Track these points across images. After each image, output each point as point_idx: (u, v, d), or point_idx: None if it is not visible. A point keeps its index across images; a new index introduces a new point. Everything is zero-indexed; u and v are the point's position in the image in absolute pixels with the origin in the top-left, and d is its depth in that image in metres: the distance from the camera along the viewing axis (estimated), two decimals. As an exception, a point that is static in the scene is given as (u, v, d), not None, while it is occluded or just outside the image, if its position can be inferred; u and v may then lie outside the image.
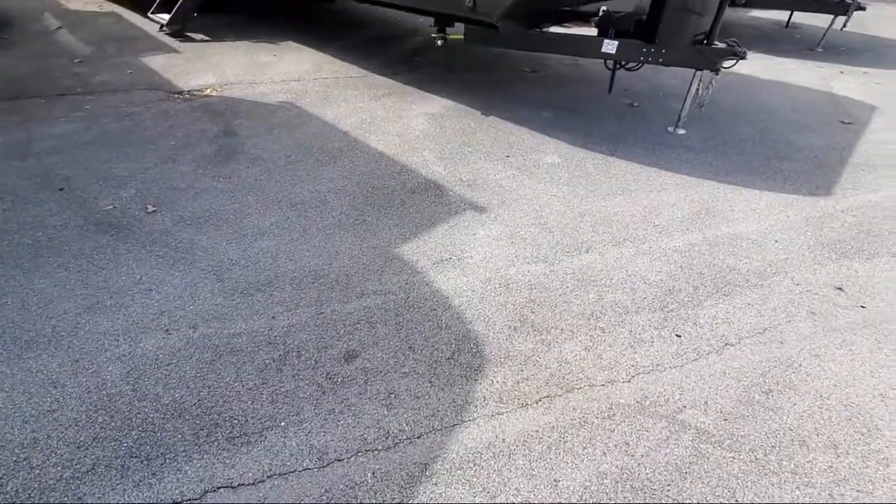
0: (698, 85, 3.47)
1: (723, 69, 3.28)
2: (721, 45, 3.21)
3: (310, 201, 2.64)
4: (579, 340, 1.86)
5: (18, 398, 1.55)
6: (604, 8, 3.41)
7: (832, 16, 6.23)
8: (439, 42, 3.85)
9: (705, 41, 3.24)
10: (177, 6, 5.44)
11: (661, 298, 2.08)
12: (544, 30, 3.66)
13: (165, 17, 5.57)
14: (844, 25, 6.36)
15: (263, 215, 2.50)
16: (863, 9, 6.30)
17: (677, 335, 1.90)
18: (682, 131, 3.67)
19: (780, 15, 7.70)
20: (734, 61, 3.17)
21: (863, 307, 2.10)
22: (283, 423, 1.50)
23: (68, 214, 2.45)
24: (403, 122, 3.64)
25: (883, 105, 4.54)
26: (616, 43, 3.27)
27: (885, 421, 1.61)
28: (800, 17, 7.67)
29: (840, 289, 2.20)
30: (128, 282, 2.04)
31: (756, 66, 5.52)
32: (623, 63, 3.51)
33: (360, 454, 1.43)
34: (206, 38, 5.60)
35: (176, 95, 3.98)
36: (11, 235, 2.29)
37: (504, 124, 3.69)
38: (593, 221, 2.58)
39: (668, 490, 1.37)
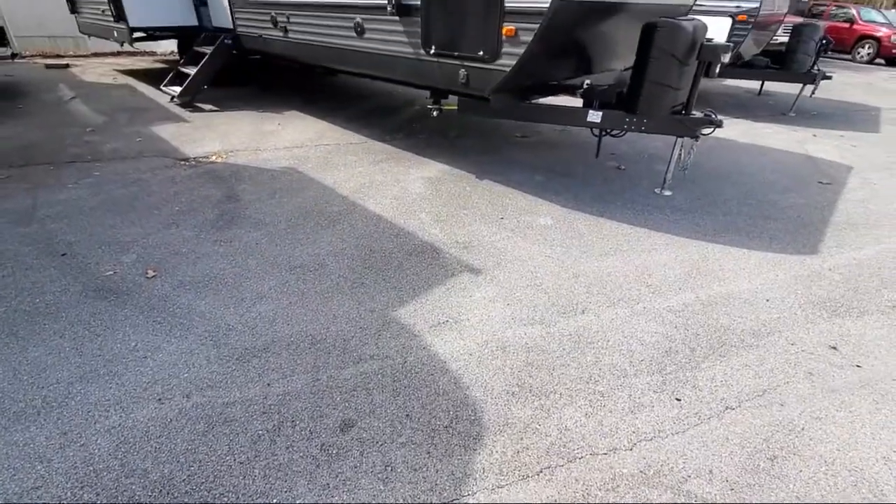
0: (680, 149, 3.67)
1: (702, 136, 3.48)
2: (698, 115, 3.43)
3: (309, 264, 2.68)
4: (579, 406, 1.84)
5: (2, 474, 1.49)
6: (587, 81, 3.67)
7: (801, 84, 6.70)
8: (435, 113, 4.09)
9: (683, 111, 3.46)
10: (189, 79, 5.79)
11: (658, 360, 2.08)
12: (533, 101, 3.90)
13: (177, 89, 5.90)
14: (813, 92, 6.82)
15: (262, 279, 2.53)
16: (828, 77, 6.79)
17: (677, 399, 1.88)
18: (668, 193, 3.83)
19: (753, 84, 8.27)
20: (711, 129, 3.38)
21: (858, 366, 2.10)
22: (275, 501, 1.45)
23: (68, 280, 2.47)
24: (401, 186, 3.78)
25: (858, 166, 4.78)
26: (600, 113, 3.49)
27: (890, 486, 1.57)
28: (771, 86, 8.24)
29: (834, 348, 2.21)
30: (123, 349, 2.03)
31: (734, 130, 5.86)
32: (608, 130, 3.72)
33: (355, 534, 1.36)
34: (215, 108, 5.91)
35: (182, 162, 4.15)
36: (9, 302, 2.29)
37: (498, 187, 3.84)
38: (587, 282, 2.62)
39: (679, 570, 1.30)
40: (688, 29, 3.08)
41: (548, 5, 2.77)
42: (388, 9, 3.63)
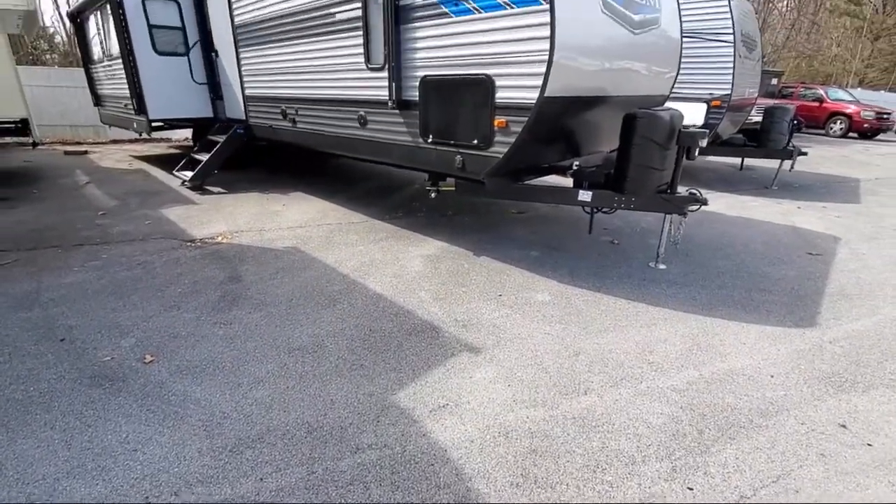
0: (670, 225, 3.80)
1: (689, 212, 3.63)
2: (683, 193, 3.61)
3: (308, 346, 2.68)
4: (587, 497, 1.75)
5: (-31, 591, 1.39)
6: (576, 163, 3.91)
7: (779, 160, 7.08)
8: (433, 194, 4.29)
9: (668, 190, 3.64)
10: (200, 165, 6.12)
11: (666, 444, 2.02)
12: (527, 182, 4.11)
13: (189, 174, 6.22)
14: (792, 167, 7.19)
15: (261, 362, 2.52)
16: (804, 153, 7.20)
17: (689, 488, 1.80)
18: (662, 266, 3.91)
19: (734, 159, 8.73)
20: (697, 206, 3.54)
21: (869, 445, 2.03)
22: None
23: (65, 367, 2.45)
24: (401, 264, 3.86)
25: (844, 236, 4.92)
26: (590, 193, 3.67)
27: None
28: (751, 161, 8.70)
29: (844, 426, 2.15)
30: (114, 441, 1.96)
31: (720, 203, 6.10)
32: (599, 207, 3.89)
33: None
34: (224, 190, 6.19)
35: (188, 244, 4.27)
36: (3, 390, 2.26)
37: (495, 264, 3.93)
38: (588, 360, 2.60)
39: None
40: (665, 118, 3.34)
41: (534, 101, 3.04)
42: (389, 104, 3.95)
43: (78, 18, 8.63)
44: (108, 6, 6.28)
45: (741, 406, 2.27)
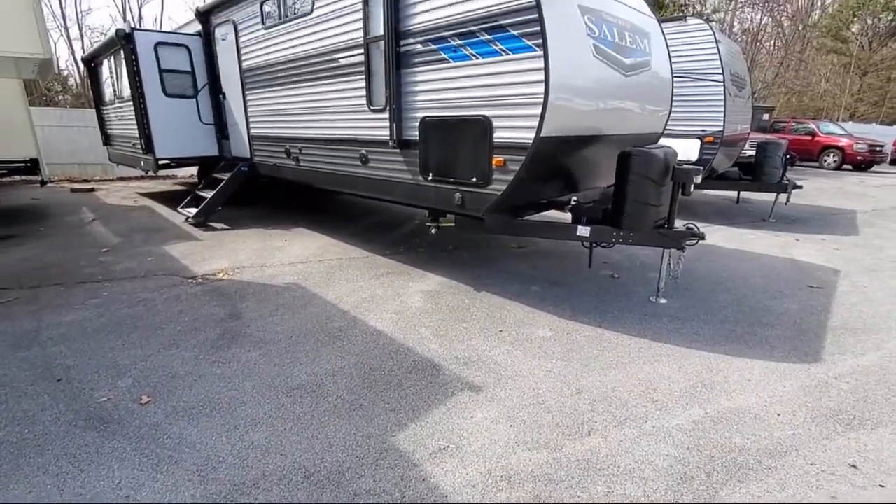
0: (669, 259, 3.82)
1: (687, 246, 3.65)
2: (681, 228, 3.64)
3: (307, 385, 2.64)
4: (592, 546, 1.69)
5: None
6: (574, 199, 3.96)
7: (775, 193, 7.18)
8: (433, 230, 4.34)
9: (666, 224, 3.68)
10: (205, 202, 6.23)
11: (674, 488, 1.96)
12: (526, 218, 4.16)
13: (193, 210, 6.32)
14: (787, 200, 7.28)
15: (258, 403, 2.48)
16: (799, 187, 7.30)
17: (698, 535, 1.74)
18: (663, 301, 3.90)
19: (731, 192, 8.84)
20: (695, 241, 3.56)
21: (881, 486, 1.97)
22: None
23: (61, 408, 2.42)
24: (401, 300, 3.86)
25: (844, 269, 4.92)
26: (589, 228, 3.71)
27: None
28: (747, 193, 8.80)
29: (854, 466, 2.09)
30: (106, 486, 1.92)
31: (719, 236, 6.14)
32: (598, 242, 3.92)
33: None
34: (226, 226, 6.26)
35: (190, 280, 4.29)
36: (-4, 434, 2.22)
37: (496, 299, 3.92)
38: (591, 399, 2.56)
39: None
40: (659, 156, 3.42)
41: (531, 141, 3.13)
42: (390, 143, 4.07)
43: (92, 63, 9.00)
44: (122, 52, 6.56)
45: (749, 446, 2.22)
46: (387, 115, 4.06)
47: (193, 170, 9.62)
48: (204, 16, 6.62)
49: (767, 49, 30.72)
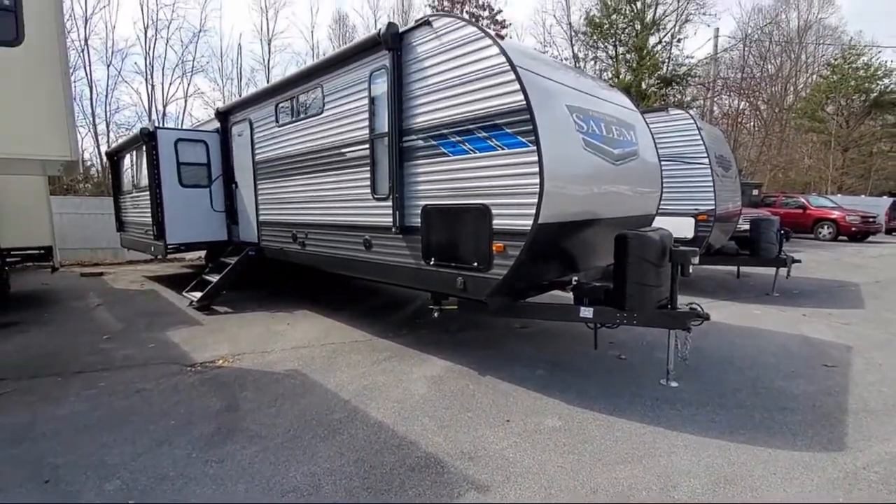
0: (675, 340, 3.77)
1: (692, 326, 3.61)
2: (684, 308, 3.64)
3: (303, 487, 2.50)
4: None
5: None
6: (575, 279, 4.01)
7: (775, 268, 7.23)
8: (436, 314, 4.34)
9: (669, 305, 3.68)
10: (210, 286, 6.31)
11: None
12: (528, 300, 4.18)
13: (197, 294, 6.38)
14: (788, 275, 7.31)
15: (252, 508, 2.33)
16: (798, 261, 7.37)
17: None
18: (674, 384, 3.78)
19: (731, 266, 8.91)
20: (699, 321, 3.54)
21: None
22: None
23: (41, 517, 2.28)
24: (404, 387, 3.76)
25: (856, 345, 4.82)
26: (591, 309, 3.71)
27: None
28: (747, 268, 8.86)
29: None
30: None
31: (724, 312, 6.09)
32: (602, 323, 3.89)
33: None
34: (230, 310, 6.28)
35: (189, 368, 4.22)
36: (-31, 550, 2.07)
37: (501, 384, 3.82)
38: (607, 499, 2.40)
39: None
40: (655, 238, 3.52)
41: (529, 227, 3.24)
42: (393, 230, 4.21)
43: (115, 157, 9.63)
44: (144, 147, 7.05)
45: (782, 554, 2.03)
46: (390, 203, 4.25)
47: (202, 252, 9.85)
48: (223, 115, 7.20)
49: (749, 129, 32.65)
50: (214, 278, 6.45)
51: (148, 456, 2.81)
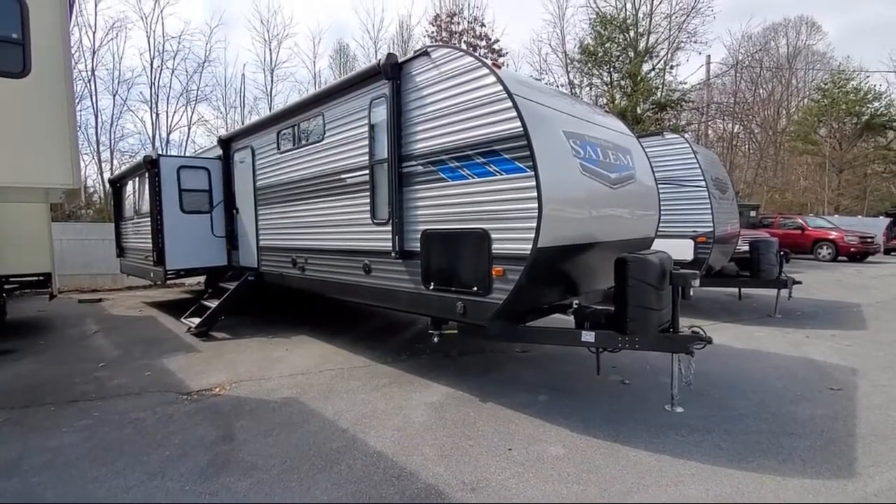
0: (679, 363, 3.72)
1: (695, 350, 3.57)
2: (686, 331, 3.60)
3: (300, 521, 2.42)
4: None
5: None
6: (576, 302, 3.99)
7: (776, 289, 7.21)
8: (435, 339, 4.30)
9: (671, 328, 3.65)
10: (208, 312, 6.27)
11: None
12: (529, 324, 4.15)
13: (196, 320, 6.33)
14: (790, 296, 7.28)
15: (246, 544, 2.25)
16: (799, 282, 7.36)
17: None
18: (679, 409, 3.71)
19: (732, 288, 8.87)
20: (702, 345, 3.50)
21: None
22: None
23: (27, 556, 2.19)
24: (404, 415, 3.69)
25: (862, 367, 4.75)
26: (593, 333, 3.68)
27: None
28: (749, 289, 8.82)
29: None
30: None
31: (727, 334, 6.03)
32: (604, 347, 3.84)
33: None
34: (228, 336, 6.22)
35: (185, 397, 4.14)
36: (-50, 592, 1.99)
37: (502, 411, 3.74)
38: (613, 531, 2.32)
39: None
40: (654, 261, 3.52)
41: (528, 252, 3.25)
42: (393, 254, 4.22)
43: (118, 183, 9.71)
44: (147, 174, 7.12)
45: (798, 590, 1.95)
46: (389, 227, 4.27)
47: (202, 277, 9.83)
48: (225, 142, 7.31)
49: (744, 152, 33.11)
50: (213, 304, 6.42)
51: (139, 489, 2.73)
